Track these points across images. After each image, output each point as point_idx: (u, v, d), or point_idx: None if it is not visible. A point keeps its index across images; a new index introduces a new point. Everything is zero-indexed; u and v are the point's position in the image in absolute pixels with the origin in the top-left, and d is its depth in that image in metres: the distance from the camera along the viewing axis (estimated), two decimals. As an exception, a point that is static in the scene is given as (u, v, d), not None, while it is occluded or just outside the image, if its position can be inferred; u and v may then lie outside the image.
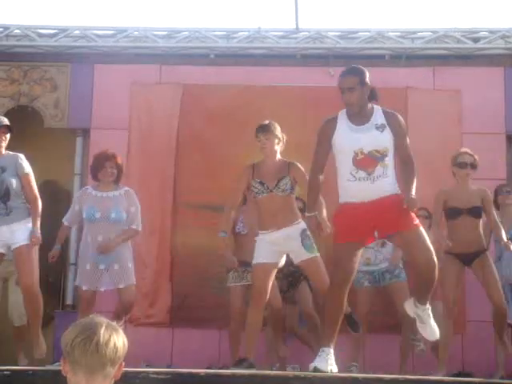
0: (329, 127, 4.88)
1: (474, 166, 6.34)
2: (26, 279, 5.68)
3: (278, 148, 5.77)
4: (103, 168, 6.31)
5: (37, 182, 8.66)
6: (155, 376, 3.96)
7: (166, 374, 4.07)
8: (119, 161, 6.38)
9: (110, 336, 2.27)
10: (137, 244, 8.07)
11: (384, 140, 4.77)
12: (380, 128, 4.79)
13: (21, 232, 5.67)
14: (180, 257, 8.14)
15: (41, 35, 8.68)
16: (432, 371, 6.18)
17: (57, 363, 6.49)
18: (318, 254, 5.54)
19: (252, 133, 8.20)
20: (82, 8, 14.89)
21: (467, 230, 6.22)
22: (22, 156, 5.86)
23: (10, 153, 5.87)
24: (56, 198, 8.69)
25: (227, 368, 5.87)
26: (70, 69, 8.44)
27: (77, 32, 8.71)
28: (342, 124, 4.84)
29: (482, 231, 6.33)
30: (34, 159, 8.70)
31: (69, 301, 8.15)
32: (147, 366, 6.59)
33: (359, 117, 4.83)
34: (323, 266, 5.48)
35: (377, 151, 4.73)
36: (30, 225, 5.68)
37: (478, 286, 7.10)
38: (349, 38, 8.66)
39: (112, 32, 8.75)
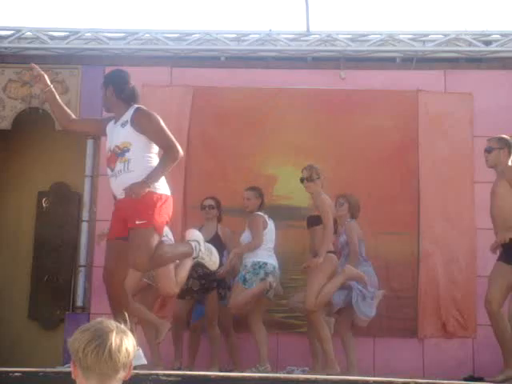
0: None
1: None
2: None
3: None
4: None
5: (48, 184, 8.76)
6: (166, 378, 3.96)
7: (177, 376, 4.07)
8: None
9: (121, 341, 2.25)
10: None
11: (125, 135, 4.93)
12: (123, 124, 4.98)
13: None
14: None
15: (52, 38, 8.69)
16: None
17: (67, 365, 6.50)
18: None
19: (263, 135, 8.25)
20: (94, 10, 14.92)
21: None
22: None
23: None
24: (67, 201, 8.73)
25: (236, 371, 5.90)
26: (81, 71, 8.45)
27: (88, 34, 8.72)
28: None
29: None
30: (44, 162, 8.78)
31: (79, 303, 8.15)
32: (157, 368, 6.57)
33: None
34: None
35: (117, 147, 4.89)
36: None
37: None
38: (360, 40, 8.63)
39: (123, 34, 8.76)
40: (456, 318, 7.78)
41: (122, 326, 2.31)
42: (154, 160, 4.98)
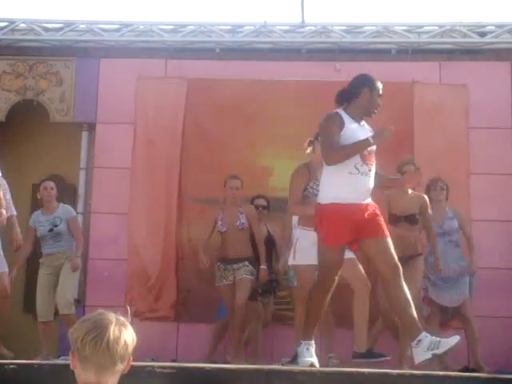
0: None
1: None
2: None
3: None
4: None
5: (42, 176, 8.73)
6: (161, 370, 3.94)
7: (172, 368, 4.06)
8: None
9: (120, 333, 2.25)
10: (142, 238, 8.09)
11: None
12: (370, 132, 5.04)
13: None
14: (185, 251, 8.13)
15: (46, 29, 8.67)
16: None
17: (62, 357, 6.50)
18: None
19: (258, 127, 8.24)
20: (88, 2, 14.87)
21: None
22: None
23: None
24: (61, 193, 8.70)
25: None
26: (75, 63, 8.43)
27: (82, 26, 8.70)
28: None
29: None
30: (39, 153, 8.75)
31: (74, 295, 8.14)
32: (152, 360, 6.58)
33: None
34: None
35: (373, 150, 5.02)
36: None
37: (483, 282, 7.10)
38: (355, 32, 8.62)
39: (118, 26, 8.74)
40: (451, 310, 7.77)
41: (123, 319, 2.31)
42: None
